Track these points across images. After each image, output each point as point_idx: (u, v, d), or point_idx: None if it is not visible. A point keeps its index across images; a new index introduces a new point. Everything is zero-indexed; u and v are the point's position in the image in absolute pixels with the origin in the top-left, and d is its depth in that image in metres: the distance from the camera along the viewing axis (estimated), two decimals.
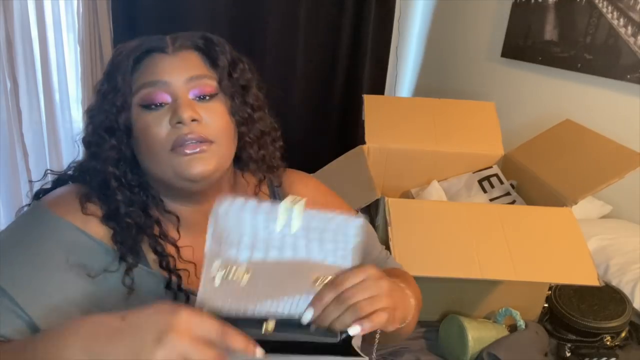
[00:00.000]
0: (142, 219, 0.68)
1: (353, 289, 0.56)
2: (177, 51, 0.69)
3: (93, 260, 0.64)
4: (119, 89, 0.66)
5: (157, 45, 0.69)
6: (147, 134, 0.66)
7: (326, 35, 2.68)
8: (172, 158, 0.65)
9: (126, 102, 0.67)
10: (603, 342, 1.10)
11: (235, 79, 0.72)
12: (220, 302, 0.55)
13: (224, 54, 0.72)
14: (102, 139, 0.68)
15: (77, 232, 0.65)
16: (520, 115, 2.15)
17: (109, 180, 0.67)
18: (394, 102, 1.89)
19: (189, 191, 0.69)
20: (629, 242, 1.45)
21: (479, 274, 0.99)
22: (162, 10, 2.28)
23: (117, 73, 0.67)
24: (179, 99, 0.66)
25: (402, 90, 3.12)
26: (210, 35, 0.73)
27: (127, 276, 0.65)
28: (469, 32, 2.58)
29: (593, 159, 1.27)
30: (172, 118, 0.65)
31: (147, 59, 0.68)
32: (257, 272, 0.57)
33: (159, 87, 0.66)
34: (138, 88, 0.67)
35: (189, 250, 0.71)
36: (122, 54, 0.69)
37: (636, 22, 1.63)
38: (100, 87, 0.69)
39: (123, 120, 0.67)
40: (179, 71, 0.67)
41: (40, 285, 0.62)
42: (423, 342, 1.15)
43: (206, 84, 0.68)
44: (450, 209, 1.14)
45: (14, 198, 2.32)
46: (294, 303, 0.57)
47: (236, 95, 0.72)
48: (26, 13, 2.15)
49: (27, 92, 2.26)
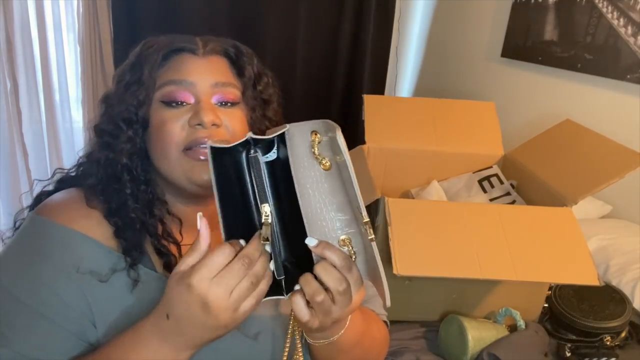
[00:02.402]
0: (147, 216, 0.67)
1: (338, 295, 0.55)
2: (207, 55, 0.69)
3: (101, 266, 0.63)
4: (143, 82, 0.66)
5: (188, 45, 0.69)
6: (162, 130, 0.65)
7: (326, 36, 2.68)
8: (183, 160, 0.65)
9: (148, 96, 0.66)
10: (603, 342, 1.10)
11: (259, 92, 0.73)
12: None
13: (251, 65, 0.72)
14: (119, 130, 0.67)
15: (83, 239, 0.64)
16: (520, 115, 2.15)
17: (120, 173, 0.67)
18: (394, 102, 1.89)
19: (194, 193, 0.69)
20: (629, 242, 1.45)
21: (479, 274, 0.99)
22: (162, 11, 2.29)
23: (143, 66, 0.67)
24: (202, 102, 0.66)
25: (402, 90, 3.12)
26: (240, 45, 0.73)
27: (132, 270, 0.64)
28: (469, 32, 2.58)
29: (593, 159, 1.27)
30: (193, 119, 0.65)
31: (175, 57, 0.68)
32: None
33: (184, 86, 0.66)
34: (162, 84, 0.67)
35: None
36: (151, 47, 0.68)
37: (636, 22, 1.63)
38: (122, 76, 0.69)
39: (142, 113, 0.66)
40: (206, 74, 0.67)
41: (61, 299, 0.61)
42: (423, 342, 1.15)
43: (230, 91, 0.69)
44: (450, 209, 1.13)
45: (14, 198, 2.32)
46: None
47: (257, 108, 0.73)
48: (26, 13, 2.15)
49: (27, 92, 2.27)
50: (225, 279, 0.51)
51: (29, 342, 0.59)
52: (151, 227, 0.68)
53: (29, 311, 0.60)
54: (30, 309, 0.60)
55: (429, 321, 1.19)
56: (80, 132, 2.46)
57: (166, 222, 0.70)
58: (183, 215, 0.72)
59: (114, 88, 0.70)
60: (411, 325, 1.18)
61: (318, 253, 0.54)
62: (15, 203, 2.33)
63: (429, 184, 1.57)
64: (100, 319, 0.62)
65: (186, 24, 2.33)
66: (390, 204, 1.08)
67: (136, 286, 0.64)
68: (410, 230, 1.05)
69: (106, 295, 0.63)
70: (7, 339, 0.59)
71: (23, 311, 0.60)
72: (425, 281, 1.15)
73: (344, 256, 0.54)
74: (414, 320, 1.19)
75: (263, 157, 0.58)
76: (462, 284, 1.15)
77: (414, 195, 1.60)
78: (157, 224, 0.69)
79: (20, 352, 0.59)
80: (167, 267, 0.67)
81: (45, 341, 0.60)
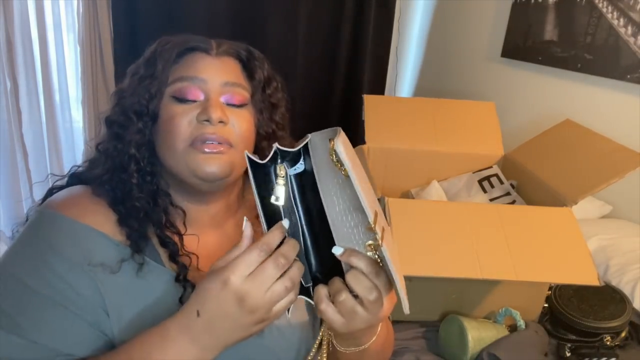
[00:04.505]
0: (151, 205, 0.69)
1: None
2: (220, 55, 0.71)
3: (111, 258, 0.64)
4: (157, 77, 0.68)
5: (202, 45, 0.71)
6: (171, 124, 0.67)
7: (326, 36, 2.68)
8: (189, 153, 0.66)
9: (160, 90, 0.68)
10: (603, 342, 1.10)
11: (267, 95, 0.75)
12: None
13: (262, 69, 0.74)
14: (130, 121, 0.69)
15: (93, 232, 0.65)
16: (520, 115, 2.15)
17: (127, 163, 0.68)
18: (394, 102, 1.89)
19: (198, 189, 0.70)
20: (629, 242, 1.45)
21: (479, 274, 0.99)
22: (162, 11, 2.29)
23: (158, 61, 0.69)
24: (211, 99, 0.67)
25: (402, 90, 3.12)
26: (252, 49, 0.75)
27: (137, 255, 0.65)
28: (469, 32, 2.58)
29: (593, 159, 1.27)
30: (201, 114, 0.66)
31: (189, 55, 0.70)
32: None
33: (195, 83, 0.68)
34: (174, 80, 0.68)
35: (193, 239, 0.72)
36: (167, 44, 0.70)
37: (636, 22, 1.63)
38: (137, 71, 0.70)
39: (153, 106, 0.68)
40: (218, 73, 0.69)
41: (75, 293, 0.62)
42: (423, 342, 1.15)
43: (239, 92, 0.70)
44: (450, 209, 1.14)
45: (14, 198, 2.32)
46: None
47: (264, 111, 0.74)
48: (26, 13, 2.15)
49: (27, 92, 2.27)
50: (260, 276, 0.53)
51: (43, 331, 0.60)
52: (155, 216, 0.69)
53: (43, 300, 0.60)
54: (44, 298, 0.60)
55: (429, 321, 1.19)
56: (80, 132, 2.46)
57: (170, 213, 0.71)
58: (185, 210, 0.72)
59: (128, 81, 0.71)
60: (411, 325, 1.18)
61: (344, 260, 0.55)
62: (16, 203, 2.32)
63: (429, 184, 1.57)
64: (113, 310, 0.63)
65: (186, 23, 2.33)
66: (390, 204, 1.08)
67: (142, 269, 0.65)
68: (410, 230, 1.05)
69: (117, 286, 0.63)
70: (21, 328, 0.59)
71: (37, 300, 0.60)
72: (425, 281, 1.15)
73: (370, 261, 0.55)
74: (414, 320, 1.19)
75: (291, 170, 0.59)
76: (462, 284, 1.15)
77: (414, 195, 1.60)
78: (160, 214, 0.69)
79: (34, 340, 0.59)
80: (173, 258, 0.68)
81: (60, 329, 0.60)
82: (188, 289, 0.66)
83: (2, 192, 2.30)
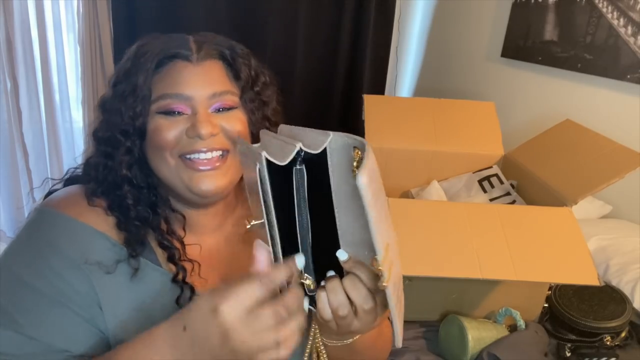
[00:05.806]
0: (150, 216, 0.68)
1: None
2: (202, 61, 0.68)
3: (107, 257, 0.64)
4: (138, 94, 0.65)
5: (182, 51, 0.67)
6: (158, 136, 0.65)
7: (326, 36, 2.68)
8: (182, 168, 0.65)
9: (144, 107, 0.66)
10: (603, 342, 1.10)
11: (257, 93, 0.72)
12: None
13: (247, 66, 0.71)
14: (118, 142, 0.67)
15: (90, 231, 0.65)
16: (520, 115, 2.15)
17: (121, 183, 0.67)
18: (394, 102, 1.89)
19: (195, 202, 0.70)
20: (629, 242, 1.45)
21: (479, 274, 0.99)
22: (162, 11, 2.28)
23: (138, 74, 0.66)
24: (199, 113, 0.65)
25: (402, 90, 3.12)
26: (236, 44, 0.72)
27: (133, 259, 0.65)
28: (469, 32, 2.58)
29: (593, 159, 1.27)
30: (190, 131, 0.64)
31: (169, 64, 0.67)
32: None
33: (181, 100, 0.65)
34: (158, 97, 0.66)
35: (195, 248, 0.72)
36: (145, 54, 0.67)
37: (636, 22, 1.63)
38: (117, 82, 0.68)
39: (139, 124, 0.66)
40: (203, 85, 0.66)
41: (75, 291, 0.62)
42: (423, 342, 1.15)
43: (227, 98, 0.68)
44: (450, 209, 1.13)
45: (14, 198, 2.32)
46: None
47: (256, 110, 0.72)
48: (26, 13, 2.15)
49: (27, 92, 2.27)
50: (254, 321, 0.48)
51: (40, 327, 0.60)
52: (154, 222, 0.68)
53: (41, 297, 0.61)
54: (43, 295, 0.61)
55: (429, 321, 1.19)
56: (80, 132, 2.47)
57: (170, 221, 0.71)
58: (185, 215, 0.72)
59: (110, 93, 0.69)
60: (411, 325, 1.18)
61: (347, 268, 0.52)
62: (16, 203, 2.33)
63: (429, 184, 1.57)
64: (107, 306, 0.63)
65: (186, 23, 2.33)
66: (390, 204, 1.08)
67: (136, 274, 0.65)
68: (410, 230, 1.05)
69: (112, 285, 0.63)
70: (18, 324, 0.59)
71: (35, 297, 0.61)
72: (425, 281, 1.14)
73: (372, 276, 0.51)
74: (414, 320, 1.19)
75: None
76: (462, 284, 1.15)
77: (414, 195, 1.60)
78: (160, 221, 0.69)
79: (31, 336, 0.59)
80: (171, 259, 0.68)
81: (57, 326, 0.60)
82: (186, 290, 0.66)
83: (2, 192, 2.30)
